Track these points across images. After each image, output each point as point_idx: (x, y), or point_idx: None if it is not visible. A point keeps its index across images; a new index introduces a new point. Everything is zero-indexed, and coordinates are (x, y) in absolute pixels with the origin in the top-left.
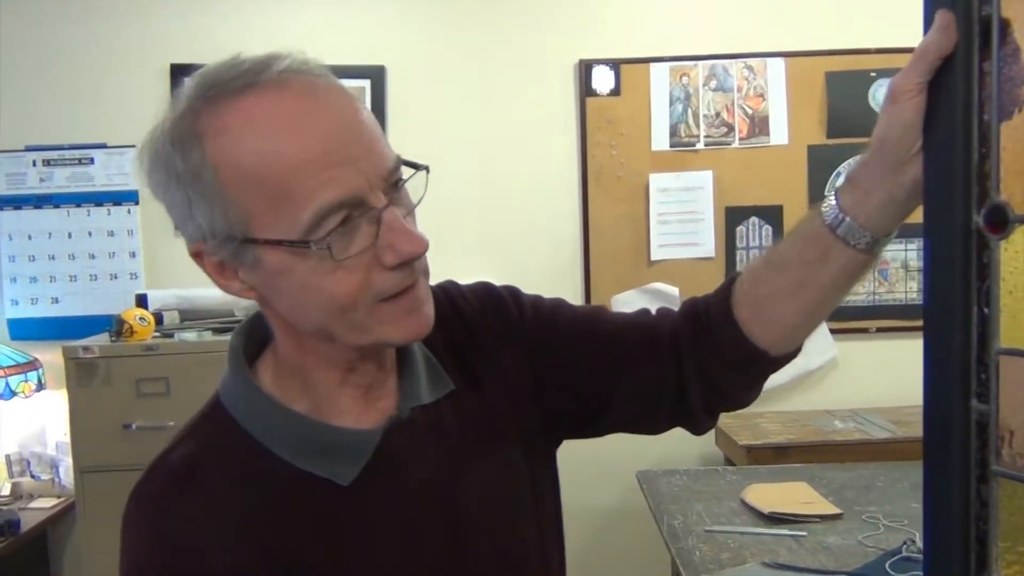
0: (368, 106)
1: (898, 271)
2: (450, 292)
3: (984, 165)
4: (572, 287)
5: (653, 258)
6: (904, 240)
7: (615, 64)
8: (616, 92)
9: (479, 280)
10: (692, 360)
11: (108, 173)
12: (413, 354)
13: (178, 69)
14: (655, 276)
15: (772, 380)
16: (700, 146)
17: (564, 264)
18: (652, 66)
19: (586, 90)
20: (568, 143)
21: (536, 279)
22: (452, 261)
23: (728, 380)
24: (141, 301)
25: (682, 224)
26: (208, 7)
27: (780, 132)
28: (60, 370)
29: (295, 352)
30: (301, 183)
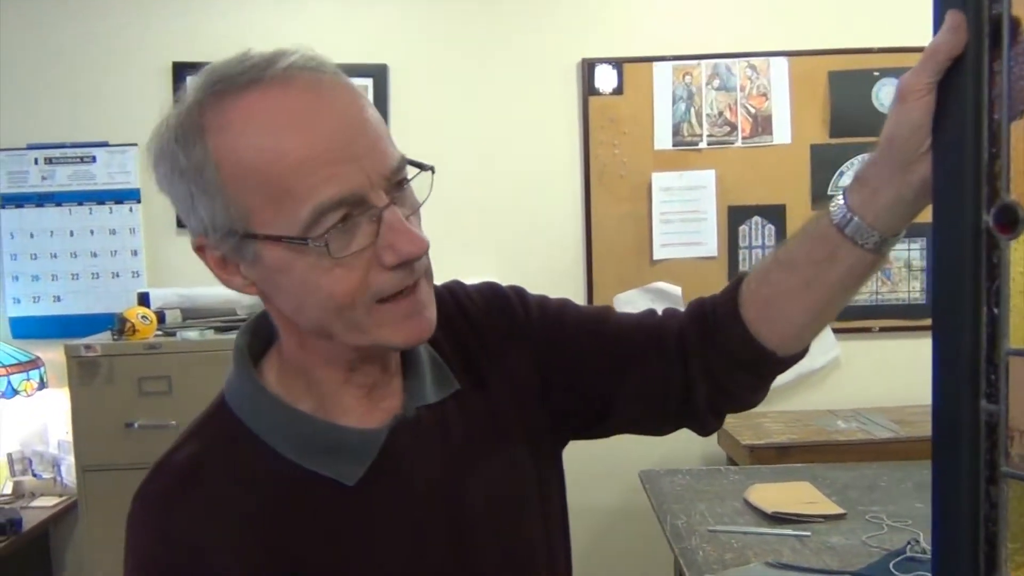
0: None
1: (901, 270)
2: (456, 292)
3: (994, 165)
4: (574, 286)
5: (655, 257)
6: (907, 239)
7: (618, 63)
8: (619, 91)
9: (485, 280)
10: (699, 360)
11: (110, 171)
12: (418, 354)
13: (180, 67)
14: (657, 275)
15: (775, 380)
16: (703, 145)
17: (566, 263)
18: (655, 65)
19: (589, 89)
20: (570, 142)
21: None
22: (454, 260)
23: (735, 380)
24: (143, 299)
25: (684, 223)
26: (210, 5)
27: (783, 131)
28: (62, 368)
29: (298, 350)
30: (301, 180)
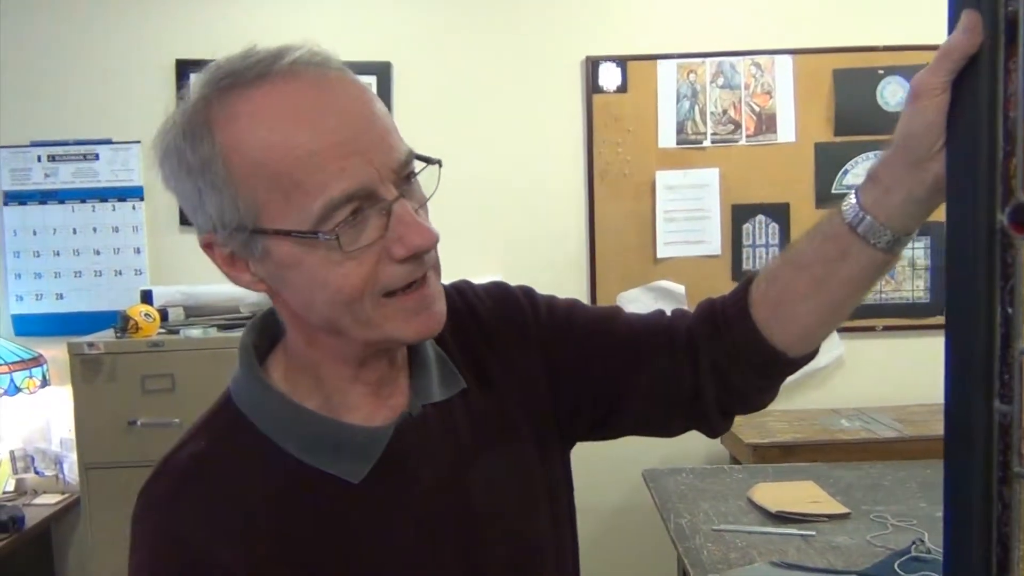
0: None
1: (905, 269)
2: (464, 291)
3: (1009, 164)
4: (577, 284)
5: (659, 256)
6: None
7: (622, 61)
8: (623, 89)
9: (493, 280)
10: (708, 361)
11: (113, 169)
12: (425, 352)
13: (183, 65)
14: (661, 274)
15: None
16: (707, 143)
17: (570, 261)
18: (659, 63)
19: (593, 87)
20: (574, 140)
21: (541, 276)
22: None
23: (745, 381)
24: (146, 297)
25: (688, 222)
26: (213, 3)
27: (787, 130)
28: (65, 366)
29: (305, 347)
30: (311, 174)
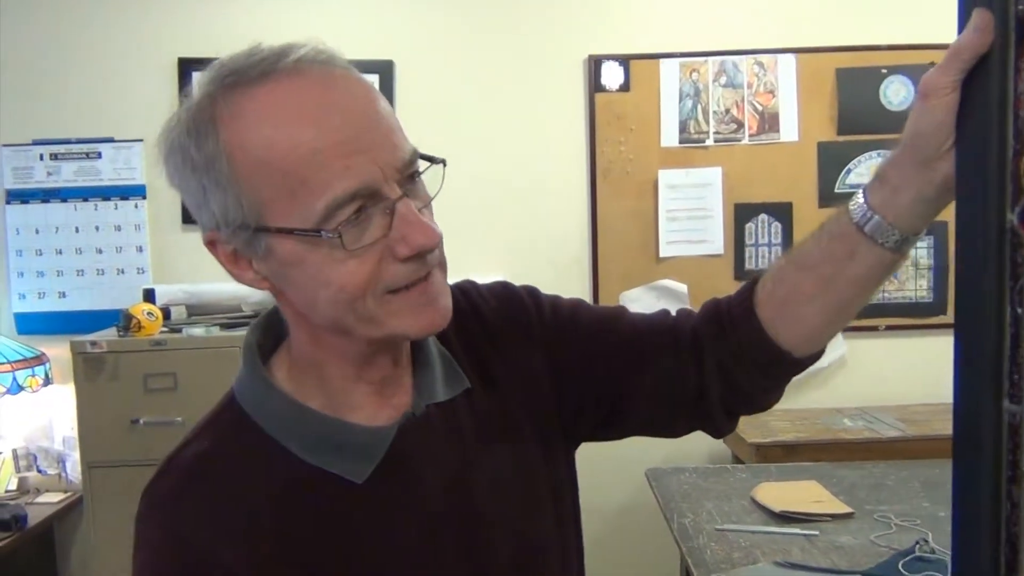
0: None
1: (908, 269)
2: (468, 291)
3: (1019, 163)
4: (580, 284)
5: (661, 255)
6: None
7: (624, 60)
8: (625, 88)
9: (497, 280)
10: (713, 361)
11: (115, 167)
12: (429, 351)
13: (186, 63)
14: (663, 273)
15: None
16: (709, 142)
17: (572, 260)
18: (662, 62)
19: (595, 86)
20: (577, 139)
21: (543, 275)
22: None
23: (750, 381)
24: (149, 296)
25: (691, 221)
26: (216, 1)
27: (790, 129)
28: (67, 365)
29: (309, 346)
30: (315, 172)
